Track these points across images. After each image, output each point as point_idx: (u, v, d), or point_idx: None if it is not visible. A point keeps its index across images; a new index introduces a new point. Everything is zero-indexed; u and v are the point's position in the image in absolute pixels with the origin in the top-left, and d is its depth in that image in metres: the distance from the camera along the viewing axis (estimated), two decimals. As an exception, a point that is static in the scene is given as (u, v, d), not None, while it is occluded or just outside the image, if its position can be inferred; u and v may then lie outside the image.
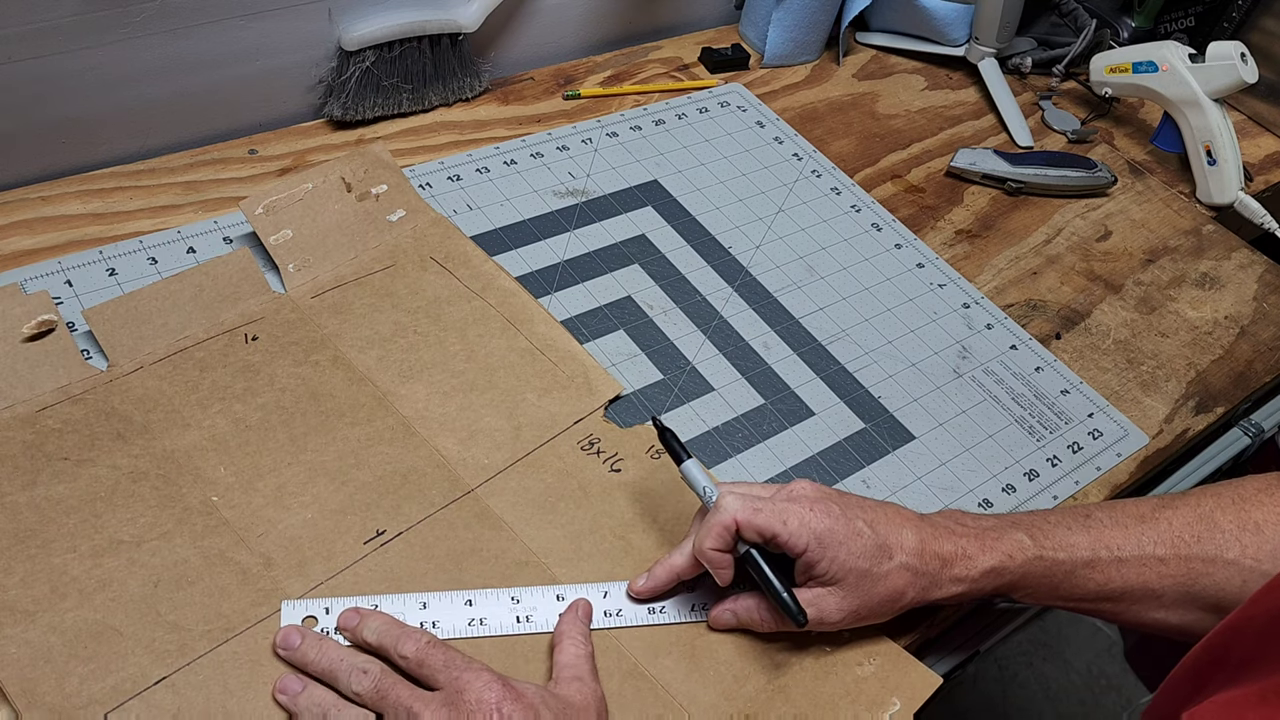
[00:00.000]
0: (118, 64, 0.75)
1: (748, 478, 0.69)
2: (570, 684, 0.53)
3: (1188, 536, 0.58)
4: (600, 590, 0.60)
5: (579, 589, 0.60)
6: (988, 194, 0.97)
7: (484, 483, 0.64)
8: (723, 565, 0.57)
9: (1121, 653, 0.63)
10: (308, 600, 0.57)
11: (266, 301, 0.70)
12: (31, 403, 0.62)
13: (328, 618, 0.56)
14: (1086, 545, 0.58)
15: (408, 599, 0.57)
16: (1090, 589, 0.58)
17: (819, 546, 0.56)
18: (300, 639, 0.54)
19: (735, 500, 0.57)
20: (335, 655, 0.53)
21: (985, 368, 0.80)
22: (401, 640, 0.53)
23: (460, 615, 0.57)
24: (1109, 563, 0.58)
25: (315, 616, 0.56)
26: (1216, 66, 0.95)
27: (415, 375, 0.68)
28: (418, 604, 0.57)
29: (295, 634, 0.54)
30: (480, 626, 0.57)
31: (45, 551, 0.56)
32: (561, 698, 0.52)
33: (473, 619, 0.57)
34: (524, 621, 0.58)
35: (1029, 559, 0.58)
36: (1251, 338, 0.88)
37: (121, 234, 0.74)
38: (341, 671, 0.52)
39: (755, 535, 0.56)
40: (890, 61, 1.11)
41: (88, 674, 0.52)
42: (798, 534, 0.55)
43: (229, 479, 0.61)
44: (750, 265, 0.84)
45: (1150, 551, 0.58)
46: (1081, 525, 0.59)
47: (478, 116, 0.91)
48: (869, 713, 0.58)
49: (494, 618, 0.58)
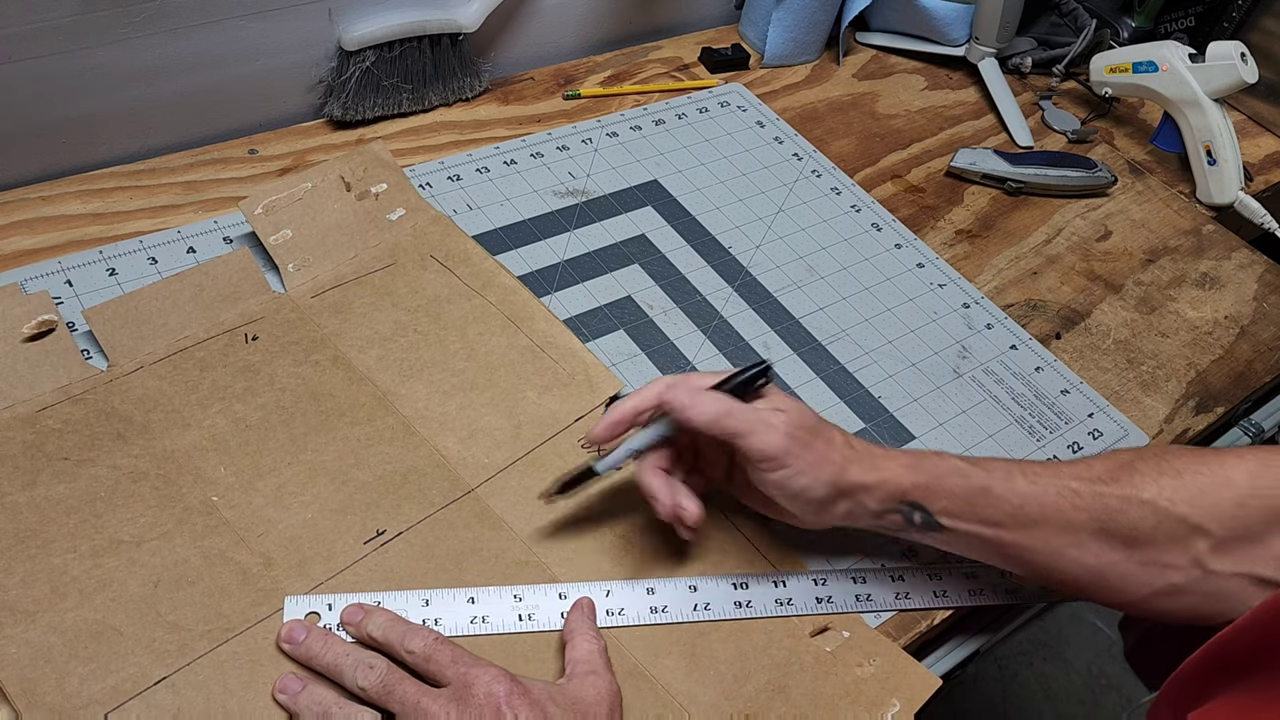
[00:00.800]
0: (118, 64, 0.75)
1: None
2: (585, 679, 0.53)
3: (1105, 475, 0.58)
4: (603, 589, 0.60)
5: (581, 587, 0.60)
6: (988, 194, 0.97)
7: (484, 482, 0.64)
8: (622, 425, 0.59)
9: (1121, 653, 0.63)
10: (311, 596, 0.57)
11: (266, 301, 0.70)
12: (31, 403, 0.62)
13: (331, 614, 0.56)
14: (1003, 469, 0.59)
15: (410, 596, 0.57)
16: (1006, 510, 0.58)
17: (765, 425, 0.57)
18: (305, 633, 0.54)
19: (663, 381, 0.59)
20: (341, 650, 0.53)
21: (985, 368, 0.80)
22: (408, 636, 0.53)
23: (463, 613, 0.57)
24: (1025, 485, 0.58)
25: (318, 612, 0.56)
26: (1216, 66, 0.95)
27: (415, 374, 0.68)
28: (420, 600, 0.57)
29: (300, 629, 0.54)
30: (483, 624, 0.57)
31: (45, 551, 0.56)
32: (570, 694, 0.52)
33: (475, 616, 0.57)
34: (526, 620, 0.58)
35: (947, 469, 0.59)
36: (1251, 338, 0.88)
37: (121, 234, 0.74)
38: (347, 667, 0.52)
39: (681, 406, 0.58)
40: (890, 61, 1.11)
41: (88, 674, 0.52)
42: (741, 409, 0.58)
43: (229, 479, 0.61)
44: (750, 265, 0.84)
45: (1067, 484, 0.58)
46: (1004, 460, 0.61)
47: (478, 116, 0.91)
48: (868, 713, 0.58)
49: (496, 615, 0.58)
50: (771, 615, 0.61)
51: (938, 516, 0.59)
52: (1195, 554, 0.56)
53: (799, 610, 0.62)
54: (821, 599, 0.62)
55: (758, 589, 0.62)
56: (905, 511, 0.59)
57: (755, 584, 0.62)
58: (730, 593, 0.61)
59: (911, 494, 0.58)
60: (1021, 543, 0.59)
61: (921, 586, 0.65)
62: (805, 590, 0.63)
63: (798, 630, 0.61)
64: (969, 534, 0.59)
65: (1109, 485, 0.58)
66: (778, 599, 0.62)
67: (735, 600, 0.61)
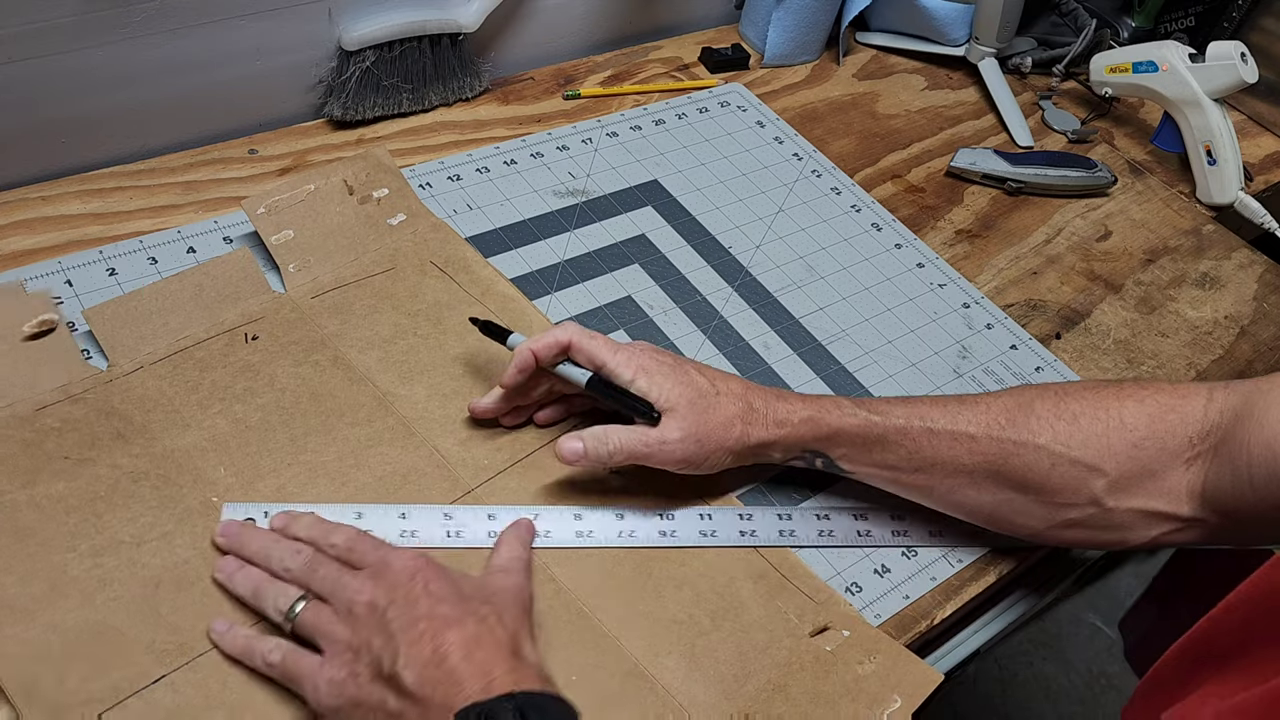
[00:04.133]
0: (118, 64, 0.75)
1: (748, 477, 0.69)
2: (497, 575, 0.56)
3: (1003, 420, 0.61)
4: (531, 512, 0.62)
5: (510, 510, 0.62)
6: (988, 194, 0.97)
7: (483, 483, 0.64)
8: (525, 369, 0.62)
9: (1121, 653, 0.63)
10: (249, 505, 0.60)
11: (267, 301, 0.70)
12: (31, 402, 0.62)
13: (266, 520, 0.59)
14: (902, 414, 0.62)
15: (344, 509, 0.60)
16: (901, 455, 0.62)
17: (645, 376, 0.61)
18: (238, 527, 0.57)
19: (575, 325, 0.63)
20: (269, 539, 0.57)
21: (985, 368, 0.80)
22: (331, 532, 0.56)
23: (393, 527, 0.60)
24: (921, 432, 0.61)
25: (254, 519, 0.59)
26: (1216, 66, 0.95)
27: (415, 377, 0.68)
28: (353, 514, 0.60)
29: (233, 525, 0.58)
30: (411, 538, 0.60)
31: (45, 550, 0.56)
32: (483, 582, 0.55)
33: (405, 531, 0.60)
34: (454, 536, 0.61)
35: (844, 415, 0.62)
36: (1251, 338, 0.88)
37: (121, 234, 0.74)
38: (275, 553, 0.56)
39: (586, 360, 0.62)
40: (890, 61, 1.11)
41: (87, 673, 0.52)
42: (625, 364, 0.61)
43: (229, 479, 0.61)
44: (750, 265, 0.84)
45: (963, 429, 0.61)
46: (903, 401, 0.63)
47: (478, 116, 0.91)
48: (870, 710, 0.58)
49: (425, 531, 0.60)
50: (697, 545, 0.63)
51: (838, 461, 0.63)
52: (1091, 493, 0.59)
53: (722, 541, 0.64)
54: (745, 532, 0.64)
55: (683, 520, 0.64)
56: (807, 458, 0.63)
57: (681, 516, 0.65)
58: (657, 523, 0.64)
59: (812, 444, 0.62)
60: (919, 483, 0.63)
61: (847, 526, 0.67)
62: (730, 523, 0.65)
63: (798, 630, 0.61)
64: (869, 474, 0.64)
65: (1005, 430, 0.60)
66: (701, 530, 0.64)
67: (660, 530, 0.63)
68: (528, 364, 0.62)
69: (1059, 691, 1.54)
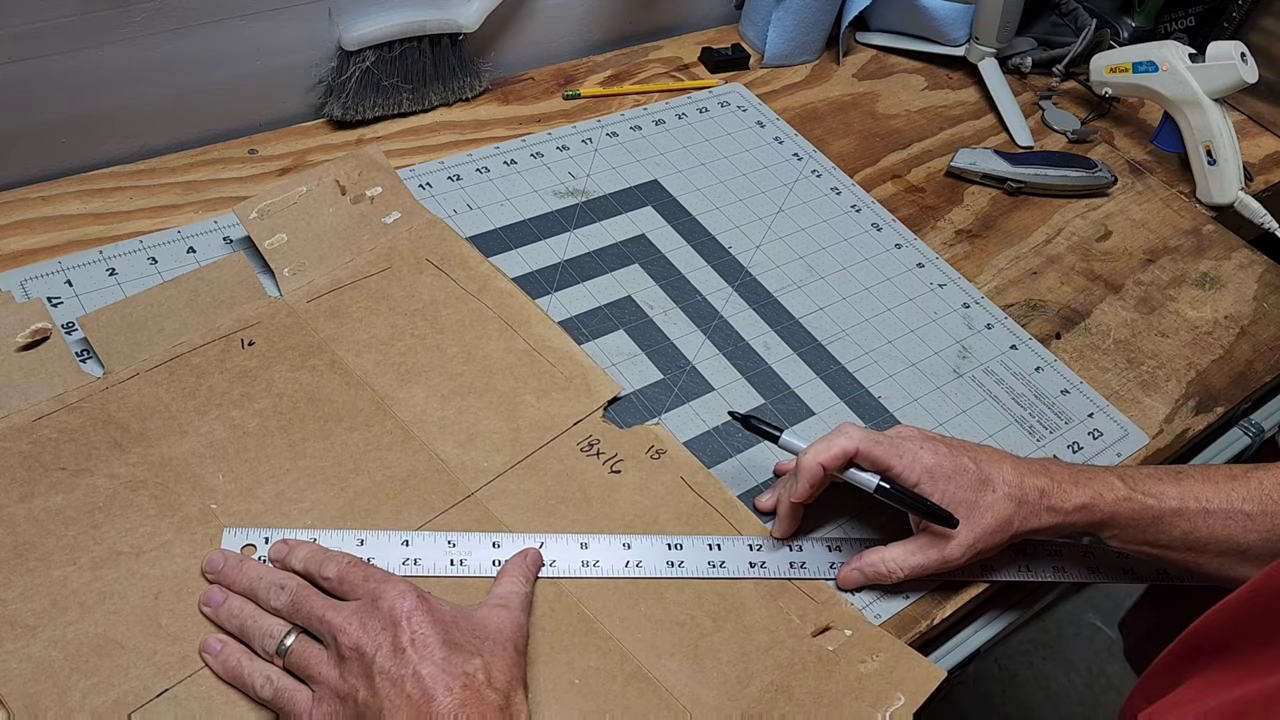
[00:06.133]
0: (118, 64, 0.75)
1: (748, 477, 0.69)
2: (494, 609, 0.55)
3: (1276, 495, 0.60)
4: (536, 540, 0.61)
5: (516, 538, 0.61)
6: (988, 194, 0.97)
7: (484, 486, 0.64)
8: (816, 484, 0.60)
9: (1122, 653, 0.63)
10: (249, 530, 0.58)
11: (262, 306, 0.70)
12: (27, 412, 0.61)
13: (266, 547, 0.58)
14: (1175, 495, 0.61)
15: (345, 535, 0.59)
16: (1176, 536, 0.60)
17: (930, 480, 0.60)
18: (223, 561, 0.56)
19: (858, 431, 0.61)
20: (255, 574, 0.55)
21: (985, 368, 0.80)
22: (325, 563, 0.55)
23: (395, 554, 0.59)
24: (1196, 512, 0.60)
25: (254, 545, 0.58)
26: (1216, 66, 0.95)
27: (413, 378, 0.68)
28: (355, 540, 0.59)
29: (219, 556, 0.57)
30: (414, 566, 0.59)
31: (45, 564, 0.56)
32: (476, 619, 0.53)
33: (408, 559, 0.59)
34: (458, 565, 0.59)
35: (1119, 499, 0.60)
36: (1251, 338, 0.88)
37: (121, 234, 0.74)
38: (260, 588, 0.55)
39: (871, 465, 0.61)
40: (890, 61, 1.11)
41: (89, 687, 0.52)
42: (911, 467, 0.60)
43: (227, 486, 0.61)
44: (750, 265, 0.83)
45: (1238, 506, 0.60)
46: (1172, 477, 0.62)
47: (478, 116, 0.91)
48: (873, 708, 0.58)
49: (429, 559, 0.59)
50: (706, 577, 0.62)
51: (1107, 541, 0.62)
52: None
53: (731, 573, 0.63)
54: (755, 564, 0.63)
55: (691, 549, 0.63)
56: (1075, 537, 0.63)
57: (690, 545, 0.63)
58: (664, 553, 0.63)
59: (1083, 528, 0.61)
60: (1189, 561, 0.61)
61: None
62: (740, 554, 0.64)
63: (800, 630, 0.61)
64: (1137, 551, 0.62)
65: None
66: (710, 561, 0.63)
67: (667, 560, 0.62)
68: (818, 479, 0.61)
69: (1059, 691, 1.54)
